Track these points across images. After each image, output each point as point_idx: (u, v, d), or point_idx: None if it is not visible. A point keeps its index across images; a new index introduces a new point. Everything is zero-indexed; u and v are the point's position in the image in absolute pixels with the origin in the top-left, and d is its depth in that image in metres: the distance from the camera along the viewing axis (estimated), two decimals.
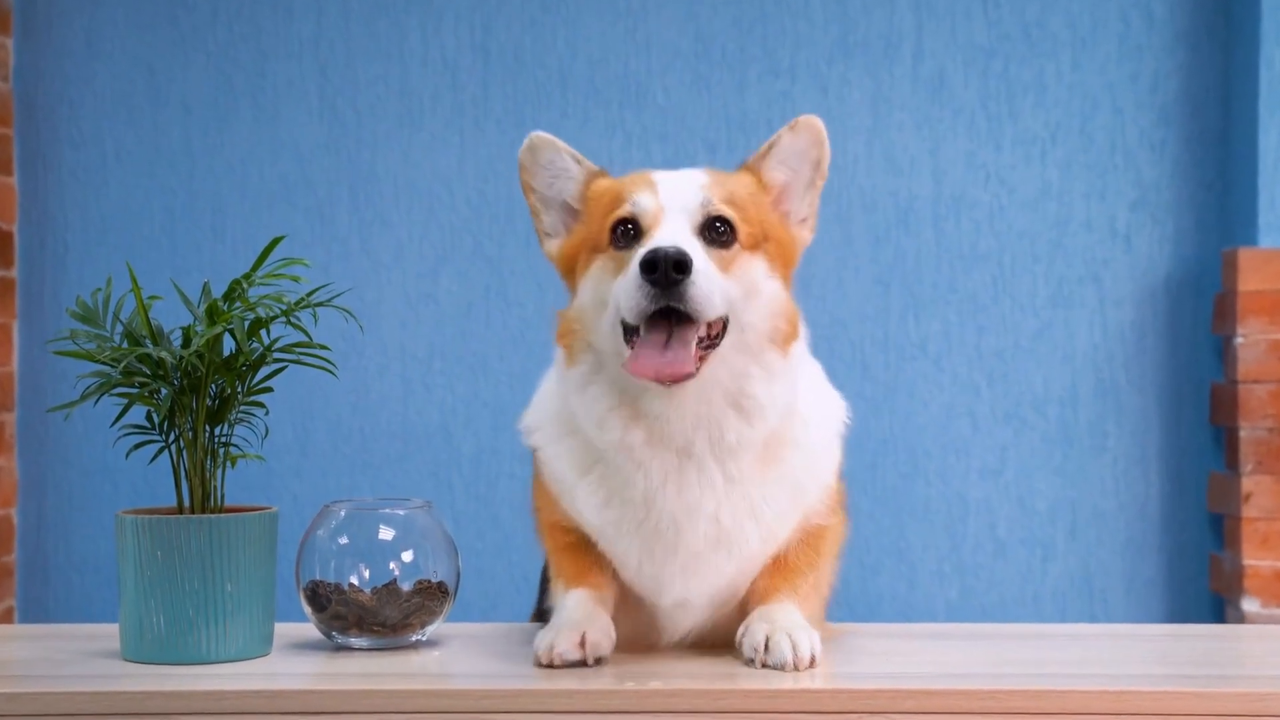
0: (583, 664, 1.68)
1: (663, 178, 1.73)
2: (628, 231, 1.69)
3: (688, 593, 1.72)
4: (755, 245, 1.71)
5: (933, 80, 3.35)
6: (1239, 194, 3.26)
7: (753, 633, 1.70)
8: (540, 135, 1.79)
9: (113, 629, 1.86)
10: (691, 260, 1.59)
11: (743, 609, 1.79)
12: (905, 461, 3.34)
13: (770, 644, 1.66)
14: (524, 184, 1.81)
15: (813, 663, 1.66)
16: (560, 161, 1.80)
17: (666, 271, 1.58)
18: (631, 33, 3.37)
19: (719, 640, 1.80)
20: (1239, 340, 3.17)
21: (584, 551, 1.79)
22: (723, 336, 1.66)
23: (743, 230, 1.70)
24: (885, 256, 3.34)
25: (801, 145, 1.78)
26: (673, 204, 1.68)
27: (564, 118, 3.36)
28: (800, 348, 1.76)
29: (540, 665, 1.68)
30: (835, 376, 1.89)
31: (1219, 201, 3.32)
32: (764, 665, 1.66)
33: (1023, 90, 3.34)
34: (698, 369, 1.62)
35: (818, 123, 1.77)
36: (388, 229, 3.40)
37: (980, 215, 3.34)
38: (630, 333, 1.65)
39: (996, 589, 3.33)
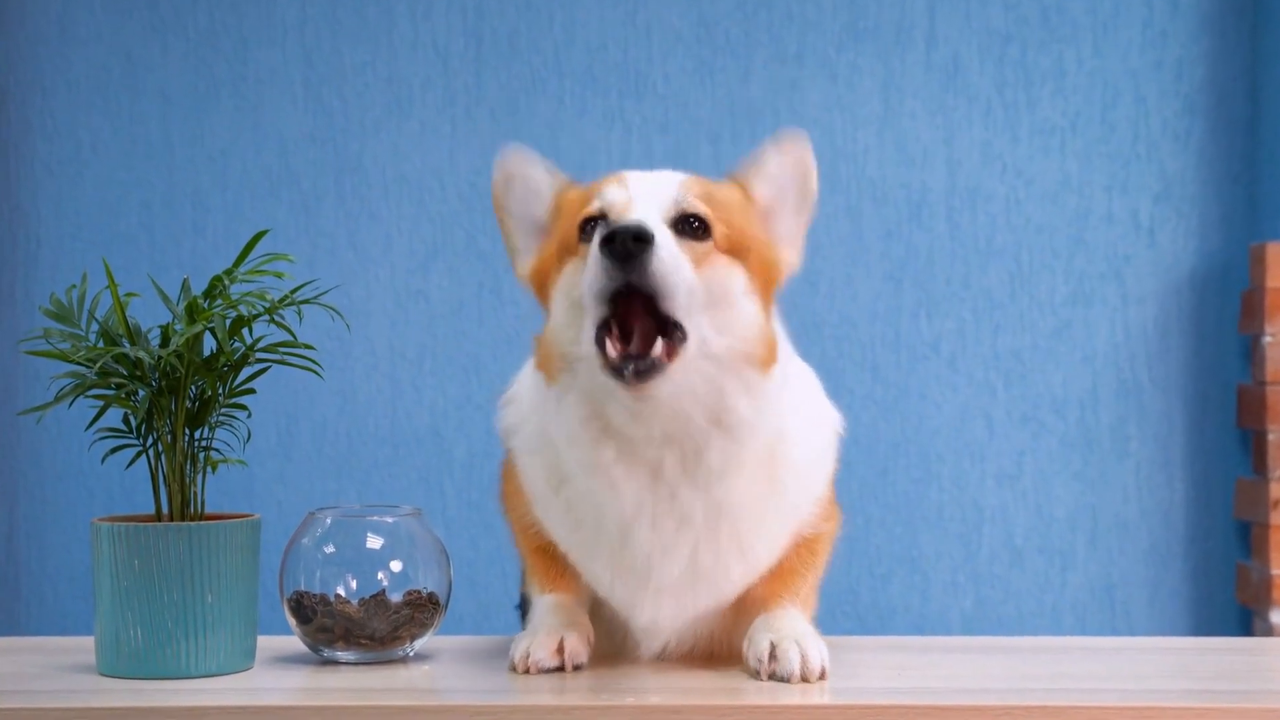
0: (560, 671, 1.69)
1: (636, 175, 1.70)
2: (596, 225, 1.64)
3: (659, 617, 1.72)
4: (733, 251, 1.66)
5: (947, 67, 3.35)
6: (1267, 186, 3.26)
7: (756, 643, 1.70)
8: (513, 154, 1.78)
9: (88, 642, 1.86)
10: (652, 232, 1.55)
11: (738, 613, 1.79)
12: (917, 466, 3.34)
13: (778, 653, 1.66)
14: (496, 202, 1.79)
15: (823, 674, 1.66)
16: (536, 175, 1.78)
17: (625, 241, 1.54)
18: (631, 17, 3.37)
19: (704, 648, 1.81)
20: (1267, 339, 3.17)
21: (557, 555, 1.80)
22: (686, 341, 1.60)
23: (719, 230, 1.65)
24: (896, 252, 3.34)
25: (788, 166, 1.75)
26: (643, 196, 1.65)
27: (560, 106, 3.36)
28: (781, 372, 1.69)
29: (515, 673, 1.69)
30: (844, 378, 1.89)
31: (1246, 194, 3.32)
32: (771, 676, 1.66)
33: (1041, 78, 3.34)
34: (661, 363, 1.57)
35: (804, 144, 1.74)
36: (376, 223, 3.40)
37: (996, 209, 3.34)
38: (601, 333, 1.60)
39: (1013, 600, 3.33)
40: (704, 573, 1.69)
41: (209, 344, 1.75)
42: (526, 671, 1.69)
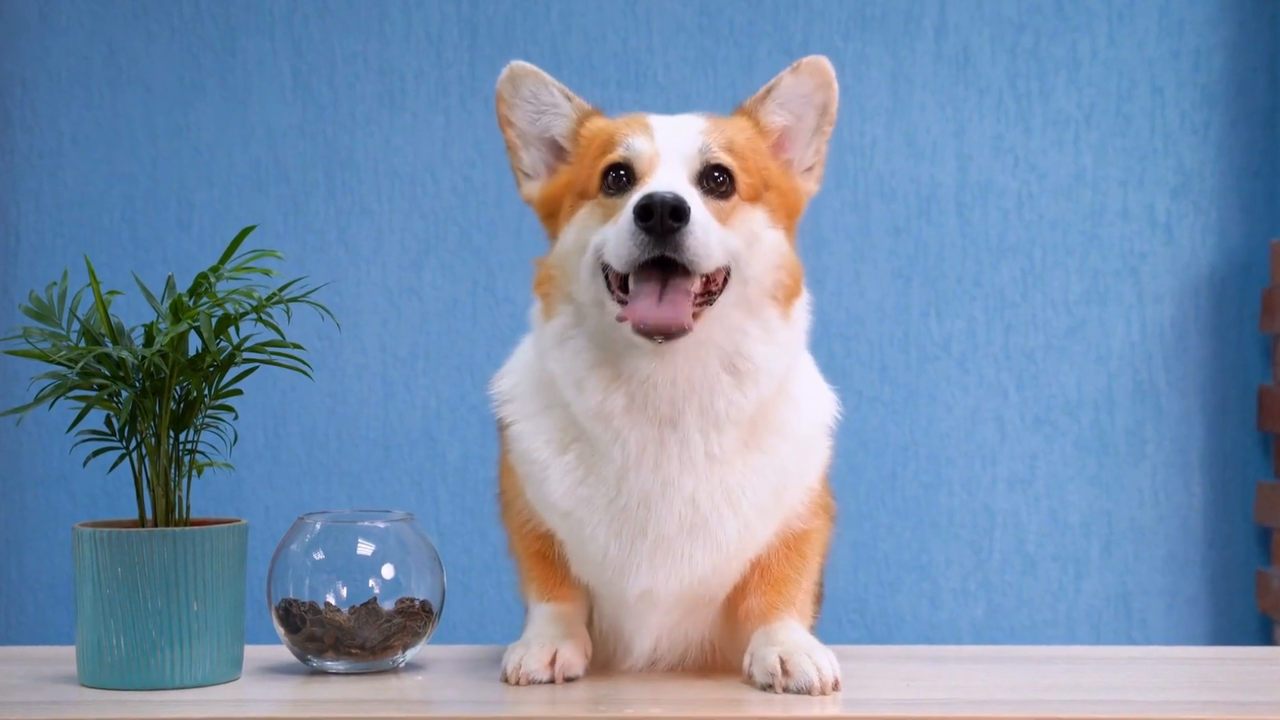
0: (551, 683, 1.69)
1: (659, 122, 1.74)
2: (620, 178, 1.70)
3: (655, 582, 1.72)
4: (755, 196, 1.72)
5: (957, 57, 3.35)
6: None
7: (762, 657, 1.70)
8: (522, 65, 1.81)
9: (69, 651, 1.86)
10: (689, 208, 1.60)
11: (732, 626, 1.79)
12: (927, 470, 3.34)
13: (790, 667, 1.67)
14: (501, 118, 1.82)
15: (837, 685, 1.67)
16: (546, 95, 1.81)
17: (663, 218, 1.59)
18: (630, 5, 3.37)
19: (696, 655, 1.81)
20: None
21: (553, 561, 1.80)
22: (722, 291, 1.67)
23: (742, 180, 1.71)
24: (905, 248, 3.34)
25: (805, 89, 1.79)
26: (669, 149, 1.70)
27: None
28: (802, 309, 1.77)
29: (507, 684, 1.69)
30: (851, 379, 1.90)
31: (1266, 188, 3.32)
32: (785, 690, 1.66)
33: (1055, 68, 3.34)
34: (692, 326, 1.62)
35: (824, 63, 1.78)
36: (367, 218, 3.40)
37: (1008, 204, 3.34)
38: (613, 283, 1.65)
39: (1026, 608, 3.33)
40: (701, 521, 1.70)
41: (194, 343, 1.75)
42: (518, 683, 1.69)
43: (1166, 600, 3.32)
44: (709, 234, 1.62)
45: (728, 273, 1.67)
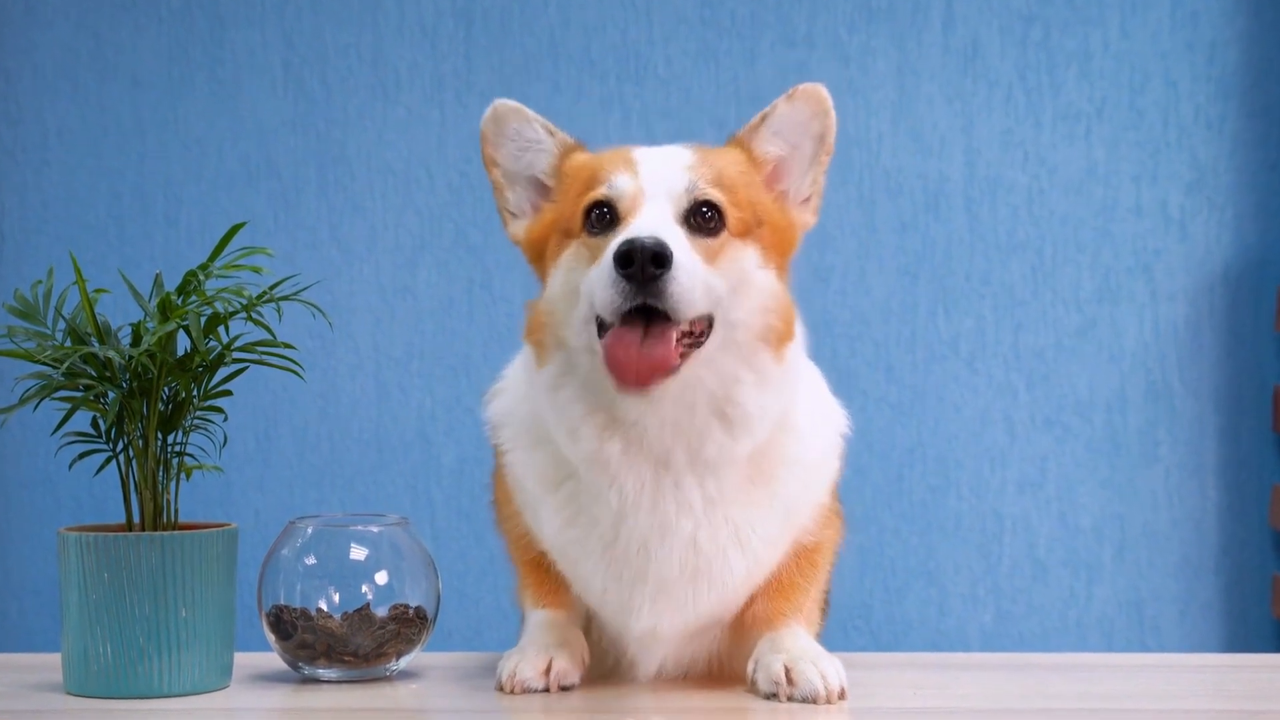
0: (546, 691, 1.70)
1: (644, 156, 1.71)
2: (603, 216, 1.68)
3: (658, 622, 1.72)
4: (746, 232, 1.69)
5: (965, 50, 3.35)
6: None
7: (767, 665, 1.70)
8: (505, 103, 1.79)
9: (54, 659, 1.86)
10: (671, 253, 1.57)
11: (737, 633, 1.79)
12: (935, 473, 3.34)
13: (795, 675, 1.67)
14: (486, 157, 1.81)
15: (843, 694, 1.67)
16: (529, 132, 1.80)
17: (643, 265, 1.57)
18: None
19: (701, 670, 1.81)
20: None
21: (549, 569, 1.80)
22: (707, 335, 1.65)
23: (732, 216, 1.68)
24: (912, 245, 3.34)
25: (801, 116, 1.75)
26: (654, 186, 1.67)
27: (555, 91, 3.36)
28: (796, 351, 1.73)
29: (502, 692, 1.69)
30: (856, 379, 1.89)
31: None
32: (789, 699, 1.66)
33: (1065, 61, 3.34)
34: (679, 366, 1.61)
35: (821, 91, 1.75)
36: (360, 215, 3.40)
37: (1018, 199, 3.34)
38: (605, 329, 1.64)
39: (1036, 614, 3.33)
40: (705, 564, 1.69)
41: (183, 343, 1.75)
42: (513, 691, 1.69)
43: (1180, 606, 3.32)
44: (693, 278, 1.60)
45: (710, 320, 1.65)
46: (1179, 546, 3.33)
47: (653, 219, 1.63)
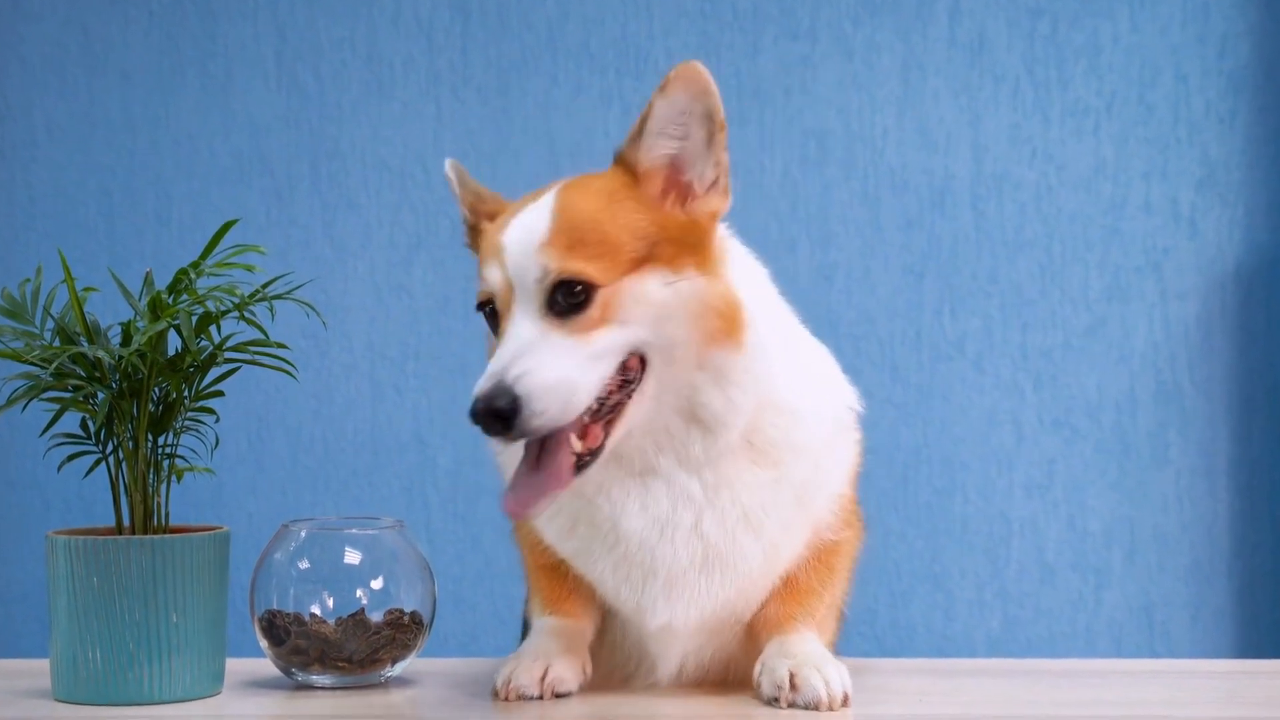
0: (542, 699, 1.70)
1: (510, 238, 1.68)
2: (491, 314, 1.70)
3: (673, 616, 1.72)
4: (636, 265, 1.65)
5: (972, 44, 3.35)
6: None
7: (772, 669, 1.70)
8: (450, 164, 1.85)
9: (43, 665, 1.86)
10: (515, 402, 1.56)
11: (749, 635, 1.80)
12: (940, 475, 3.34)
13: (798, 681, 1.67)
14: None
15: (846, 700, 1.67)
16: (464, 197, 1.85)
17: (490, 426, 1.57)
18: None
19: (719, 673, 1.81)
20: None
21: (563, 575, 1.81)
22: (644, 374, 1.64)
23: (602, 269, 1.63)
24: (918, 243, 3.34)
25: (680, 104, 1.72)
26: (518, 279, 1.65)
27: (554, 86, 3.36)
28: (762, 334, 1.70)
29: (498, 699, 1.70)
30: (861, 379, 1.88)
31: None
32: (791, 705, 1.66)
33: (1074, 55, 3.34)
34: (596, 450, 1.62)
35: (692, 69, 1.71)
36: (355, 212, 3.40)
37: (1025, 197, 3.34)
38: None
39: (1044, 620, 3.33)
40: (715, 552, 1.70)
41: (174, 343, 1.75)
42: (508, 698, 1.70)
43: (1191, 611, 3.32)
44: (560, 393, 1.58)
45: (642, 358, 1.64)
46: (1190, 550, 3.32)
47: (513, 337, 1.62)
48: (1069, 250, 3.34)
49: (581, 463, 1.62)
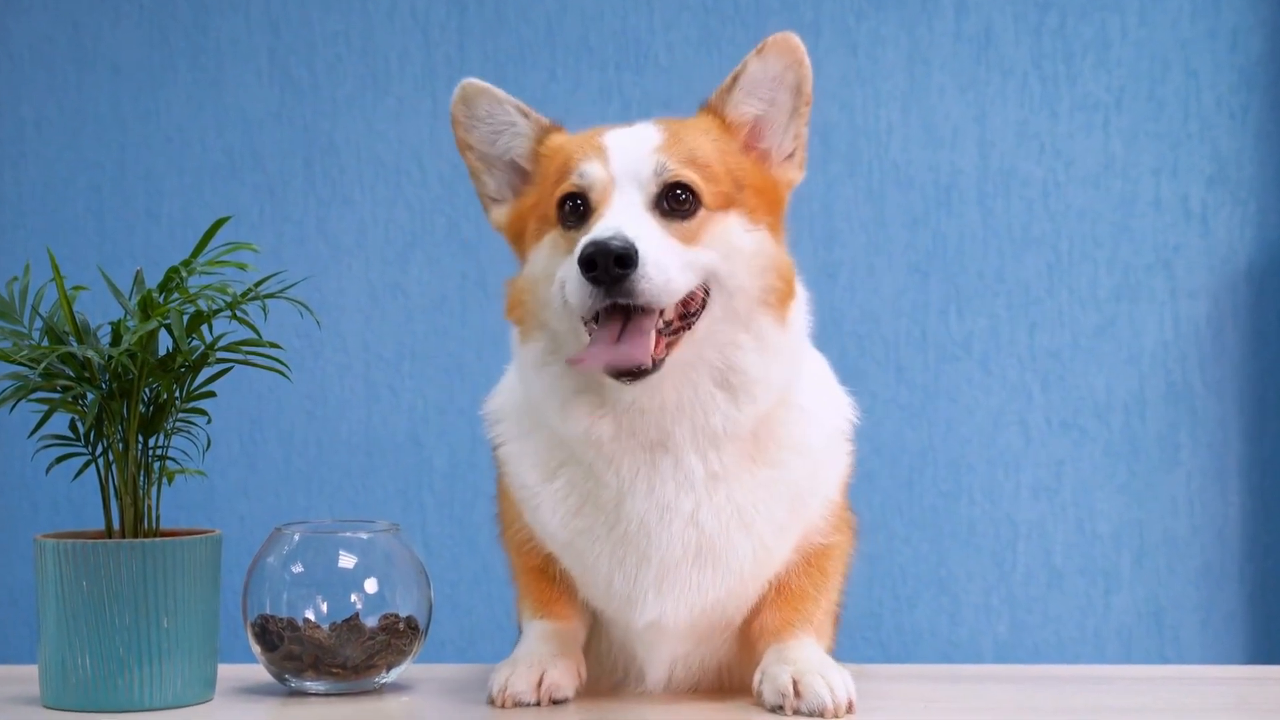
0: (538, 705, 1.70)
1: (614, 141, 1.73)
2: (576, 208, 1.71)
3: (663, 612, 1.73)
4: (727, 203, 1.71)
5: (978, 37, 3.35)
6: None
7: (774, 676, 1.70)
8: (473, 83, 1.82)
9: (31, 671, 1.86)
10: (636, 253, 1.60)
11: (745, 644, 1.80)
12: (947, 478, 3.34)
13: (802, 688, 1.68)
14: (459, 141, 1.84)
15: (850, 707, 1.67)
16: (502, 114, 1.82)
17: (607, 268, 1.60)
18: None
19: (710, 681, 1.81)
20: None
21: (551, 578, 1.81)
22: (703, 311, 1.67)
23: (709, 191, 1.70)
24: (923, 241, 3.34)
25: (774, 70, 1.76)
26: (624, 174, 1.69)
27: (552, 80, 3.36)
28: (800, 311, 1.76)
29: (493, 705, 1.70)
30: (865, 379, 1.89)
31: None
32: (795, 712, 1.67)
33: (1082, 49, 3.34)
34: (658, 361, 1.63)
35: (791, 40, 1.76)
36: (349, 209, 3.40)
37: (1033, 193, 3.34)
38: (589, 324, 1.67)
39: (1052, 624, 3.33)
40: (708, 545, 1.71)
41: (164, 342, 1.75)
42: (504, 705, 1.70)
43: (1201, 616, 3.32)
44: (665, 270, 1.62)
45: (706, 292, 1.68)
46: (1200, 553, 3.33)
47: (621, 212, 1.66)
48: (1077, 248, 3.34)
49: (649, 369, 1.64)
